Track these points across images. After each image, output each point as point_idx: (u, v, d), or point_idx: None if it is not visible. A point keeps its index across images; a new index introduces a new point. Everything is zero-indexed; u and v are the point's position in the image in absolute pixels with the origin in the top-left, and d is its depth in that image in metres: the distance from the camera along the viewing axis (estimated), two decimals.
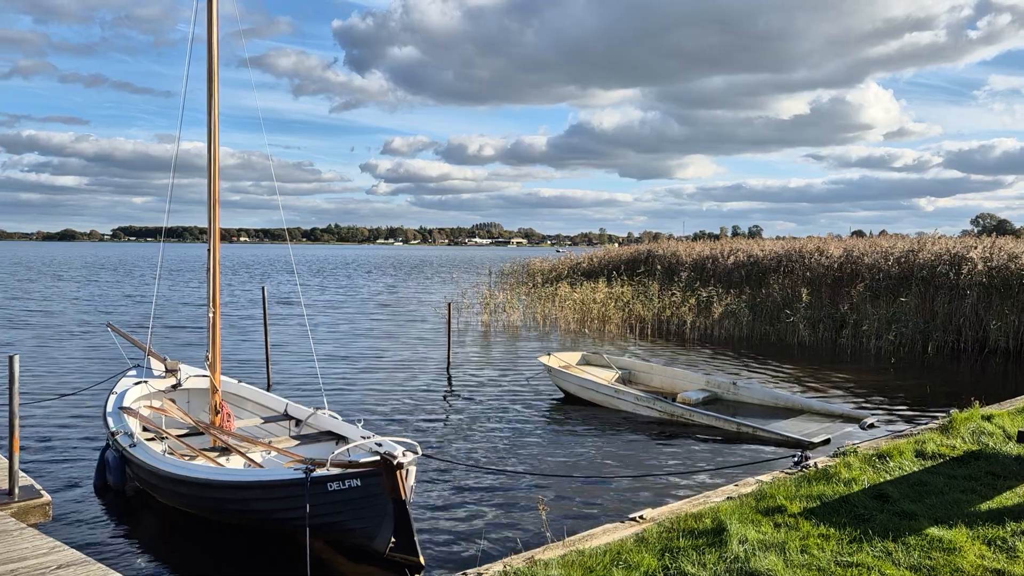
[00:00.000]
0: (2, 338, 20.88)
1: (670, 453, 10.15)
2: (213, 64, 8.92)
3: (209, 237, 9.12)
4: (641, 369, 14.57)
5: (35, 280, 48.94)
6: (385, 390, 14.23)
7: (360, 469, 6.24)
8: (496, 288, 33.07)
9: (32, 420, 11.23)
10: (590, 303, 24.94)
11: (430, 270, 73.73)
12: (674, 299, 24.24)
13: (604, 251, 38.88)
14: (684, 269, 27.66)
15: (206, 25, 8.97)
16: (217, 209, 9.07)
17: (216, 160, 9.01)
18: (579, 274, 33.60)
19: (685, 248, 30.82)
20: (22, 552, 5.12)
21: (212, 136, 8.96)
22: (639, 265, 30.60)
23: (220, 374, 9.40)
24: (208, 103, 8.91)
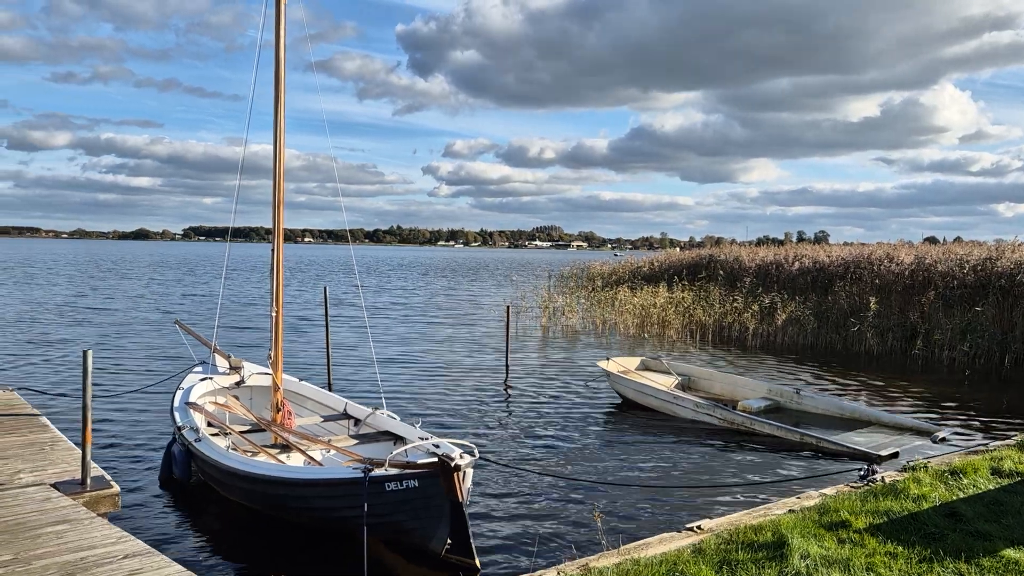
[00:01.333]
0: (72, 334, 21.74)
1: (729, 462, 9.94)
2: (280, 69, 9.11)
3: (273, 238, 9.31)
4: (701, 375, 14.33)
5: (103, 278, 50.86)
6: (442, 391, 14.31)
7: (418, 470, 6.27)
8: (555, 291, 33.00)
9: (103, 413, 11.63)
10: (650, 308, 24.67)
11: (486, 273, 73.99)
12: (736, 305, 23.80)
13: (665, 255, 38.45)
14: (747, 274, 27.12)
15: (274, 31, 9.17)
16: (281, 210, 9.26)
17: (281, 162, 9.19)
18: (639, 278, 33.26)
19: (748, 253, 30.22)
20: (92, 541, 5.30)
21: (278, 139, 9.15)
22: (700, 270, 30.12)
23: (282, 372, 9.58)
24: (275, 106, 9.10)
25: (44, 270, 59.28)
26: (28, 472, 7.06)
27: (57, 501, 6.24)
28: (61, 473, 7.05)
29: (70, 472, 7.05)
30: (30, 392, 11.87)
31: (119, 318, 25.99)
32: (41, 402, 11.49)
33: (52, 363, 16.58)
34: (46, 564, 4.88)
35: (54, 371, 15.61)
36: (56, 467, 7.26)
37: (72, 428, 9.38)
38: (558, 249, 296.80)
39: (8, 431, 8.52)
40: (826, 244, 37.71)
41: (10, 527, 5.55)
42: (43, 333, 21.51)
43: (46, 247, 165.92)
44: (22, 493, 6.44)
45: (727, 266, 29.01)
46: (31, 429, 8.66)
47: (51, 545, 5.20)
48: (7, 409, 9.57)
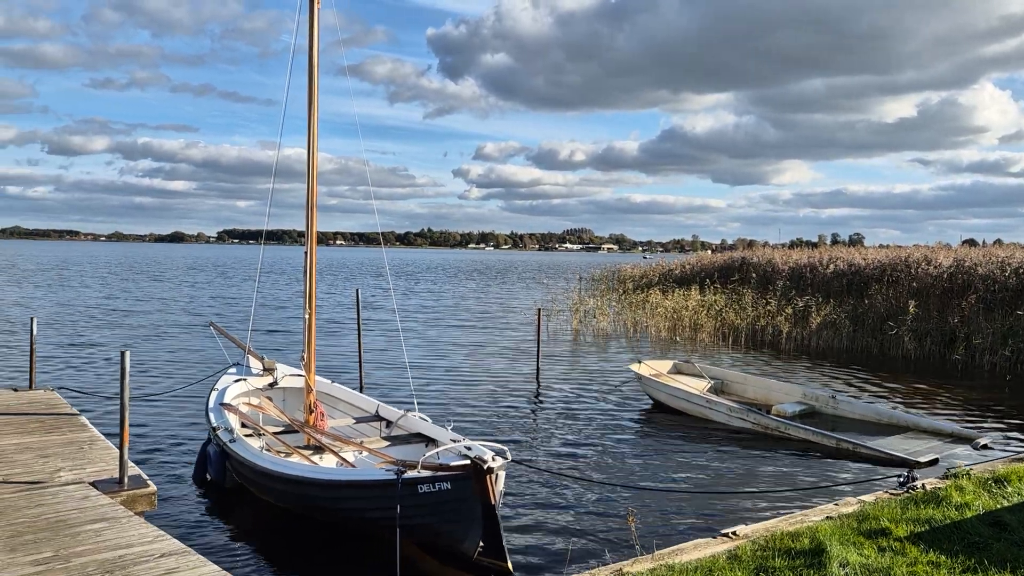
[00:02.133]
0: (107, 336, 22.12)
1: (763, 468, 9.80)
2: (314, 73, 9.17)
3: (307, 240, 9.38)
4: (734, 379, 14.16)
5: (138, 281, 51.71)
6: (473, 393, 14.31)
7: (450, 472, 6.26)
8: (586, 294, 32.89)
9: (138, 413, 11.79)
10: (682, 310, 24.48)
11: (516, 276, 74.00)
12: (769, 308, 23.52)
13: (696, 258, 38.13)
14: (780, 277, 26.79)
15: (307, 36, 9.24)
16: (314, 213, 9.32)
17: (315, 166, 9.26)
18: (671, 281, 33.03)
19: (781, 256, 29.87)
20: (129, 539, 5.36)
21: (311, 142, 9.21)
22: (733, 272, 29.82)
23: (315, 374, 9.64)
24: (308, 110, 9.17)
25: (81, 273, 60.46)
26: (68, 470, 7.18)
27: (96, 499, 6.34)
28: (99, 472, 7.16)
29: (108, 471, 7.16)
30: (69, 392, 12.08)
31: (153, 320, 26.40)
32: (79, 402, 11.68)
33: (89, 364, 16.87)
34: (85, 562, 4.94)
35: (92, 372, 15.88)
36: (94, 466, 7.37)
37: (108, 427, 9.51)
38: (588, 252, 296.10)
39: (49, 430, 8.69)
40: (861, 247, 37.13)
41: (51, 524, 5.64)
42: (79, 334, 21.91)
43: (84, 249, 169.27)
44: (62, 491, 6.55)
45: (760, 269, 28.68)
46: (71, 428, 8.82)
47: (90, 543, 5.27)
48: (48, 409, 9.76)
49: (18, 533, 5.44)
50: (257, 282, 27.72)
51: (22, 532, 5.47)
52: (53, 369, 15.87)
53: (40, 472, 7.11)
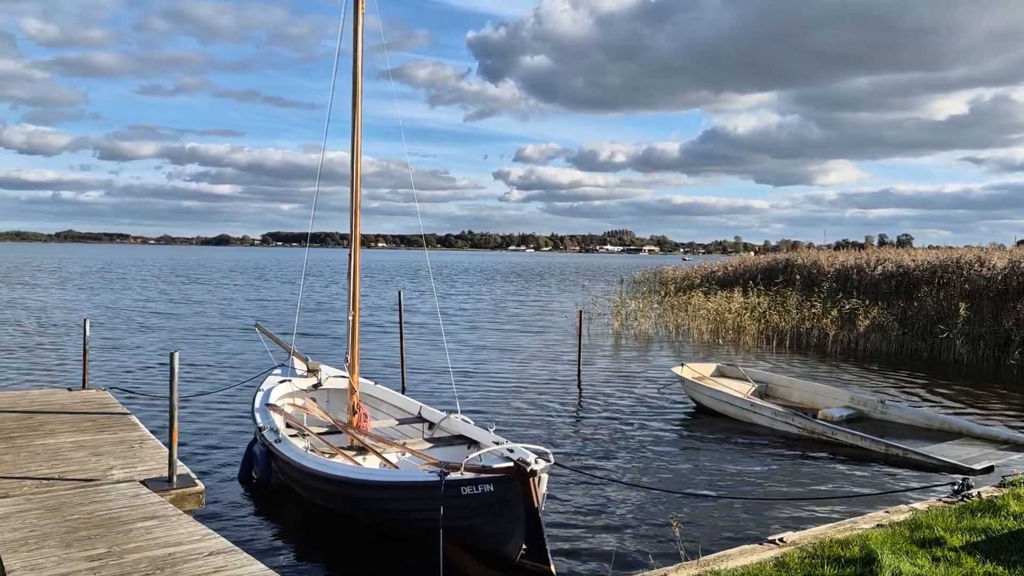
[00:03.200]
0: (154, 337, 22.59)
1: (810, 473, 9.61)
2: (358, 77, 9.26)
3: (350, 243, 9.46)
4: (779, 383, 13.93)
5: (183, 283, 52.76)
6: (514, 395, 14.31)
7: (493, 474, 6.25)
8: (627, 296, 32.70)
9: (185, 413, 12.01)
10: (724, 313, 24.18)
11: (556, 278, 73.85)
12: (814, 310, 23.11)
13: (739, 259, 37.63)
14: (826, 279, 26.29)
15: (352, 40, 9.33)
16: (358, 216, 9.40)
17: (358, 169, 9.34)
18: (713, 283, 32.65)
19: (827, 257, 29.31)
20: (179, 537, 5.46)
21: (355, 146, 9.30)
22: (777, 274, 29.35)
23: (358, 375, 9.72)
24: (352, 114, 9.25)
25: (123, 275, 61.92)
26: (119, 469, 7.34)
27: (146, 497, 6.47)
28: (149, 470, 7.31)
29: (157, 470, 7.30)
30: (119, 391, 12.36)
31: (198, 322, 26.92)
32: (128, 401, 11.94)
33: (136, 364, 17.25)
34: (137, 558, 5.04)
35: (139, 372, 16.24)
36: (145, 464, 7.53)
37: (156, 427, 9.70)
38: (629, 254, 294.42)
39: (101, 429, 8.90)
40: (910, 248, 36.31)
41: (104, 521, 5.77)
42: (126, 335, 22.43)
43: (132, 253, 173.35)
44: (114, 489, 6.69)
45: (805, 270, 28.19)
46: (122, 427, 9.02)
47: (141, 540, 5.38)
48: (100, 408, 10.00)
49: (73, 529, 5.58)
50: (302, 285, 28.09)
51: (77, 528, 5.60)
52: (104, 369, 16.25)
53: (93, 470, 7.28)
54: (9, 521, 5.73)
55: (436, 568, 6.11)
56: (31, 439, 8.36)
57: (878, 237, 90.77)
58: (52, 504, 6.19)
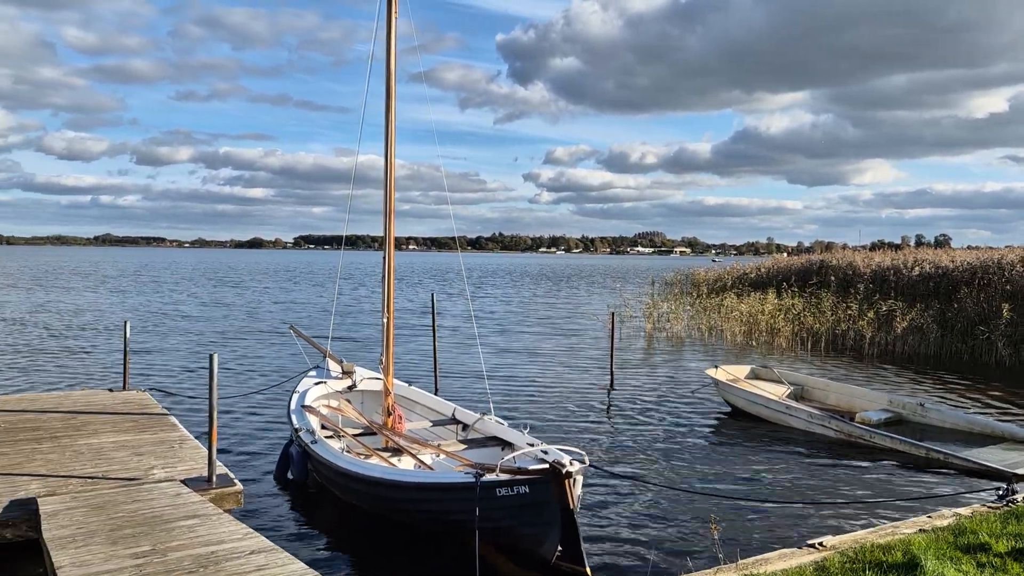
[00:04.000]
0: (188, 340, 22.94)
1: (847, 477, 9.48)
2: (391, 81, 9.33)
3: (385, 246, 9.54)
4: (815, 385, 13.75)
5: (214, 287, 53.48)
6: (546, 397, 14.30)
7: (529, 476, 6.26)
8: (659, 298, 32.53)
9: (221, 414, 12.17)
10: (758, 314, 23.95)
11: (587, 280, 73.66)
12: (850, 312, 22.79)
13: (772, 261, 37.23)
14: (862, 280, 25.91)
15: (384, 44, 9.41)
16: (392, 219, 9.47)
17: (392, 173, 9.42)
18: (746, 284, 32.34)
19: (863, 258, 28.89)
20: (220, 536, 5.54)
21: (389, 149, 9.37)
22: (811, 275, 28.99)
23: (393, 377, 9.79)
24: (386, 118, 9.33)
25: (163, 278, 62.95)
26: (160, 468, 7.47)
27: (187, 497, 6.57)
28: (189, 470, 7.43)
29: (197, 469, 7.41)
30: (158, 392, 12.58)
31: (230, 324, 27.28)
32: (166, 402, 12.14)
33: (174, 366, 17.53)
34: (180, 556, 5.13)
35: (175, 373, 16.50)
36: (184, 464, 7.65)
37: (193, 427, 9.84)
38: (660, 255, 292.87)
39: (142, 429, 9.06)
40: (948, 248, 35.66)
41: (147, 519, 5.88)
42: (162, 337, 22.81)
43: (168, 256, 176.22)
44: (156, 488, 6.81)
45: (840, 271, 27.81)
46: (162, 428, 9.18)
47: (184, 538, 5.47)
48: (140, 408, 10.18)
49: (118, 527, 5.69)
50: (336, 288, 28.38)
51: (122, 526, 5.71)
52: (138, 371, 16.54)
53: (135, 469, 7.42)
54: (57, 518, 5.86)
55: (472, 569, 6.14)
56: (75, 439, 8.54)
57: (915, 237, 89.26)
58: (97, 502, 6.32)
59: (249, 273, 77.96)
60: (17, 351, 19.44)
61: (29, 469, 7.33)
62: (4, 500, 6.39)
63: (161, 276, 66.03)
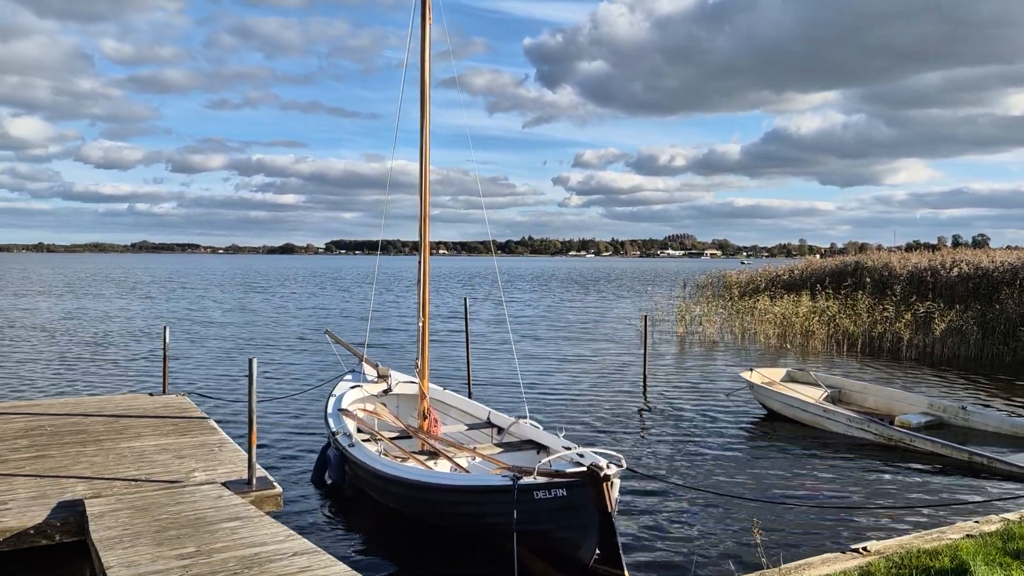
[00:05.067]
0: (221, 345, 23.22)
1: (888, 481, 9.33)
2: (425, 87, 9.39)
3: (420, 250, 9.59)
4: (853, 388, 13.56)
5: (247, 292, 54.10)
6: (579, 401, 14.27)
7: (566, 479, 6.25)
8: (691, 300, 32.30)
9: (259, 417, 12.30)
10: (792, 317, 23.68)
11: (615, 282, 73.36)
12: (887, 314, 22.43)
13: (805, 262, 36.78)
14: (898, 282, 25.51)
15: (417, 51, 9.48)
16: (427, 224, 9.53)
17: (427, 179, 9.47)
18: (779, 286, 32.00)
19: (899, 259, 28.44)
20: (263, 538, 5.61)
21: (424, 156, 9.43)
22: (845, 277, 28.60)
23: (428, 381, 9.83)
24: (421, 123, 9.39)
25: (198, 284, 63.86)
26: (201, 471, 7.58)
27: (228, 499, 6.65)
28: (229, 473, 7.51)
29: (237, 472, 7.50)
30: (197, 396, 12.75)
31: (262, 330, 27.59)
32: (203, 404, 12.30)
33: (209, 369, 17.78)
34: (225, 557, 5.20)
35: (210, 377, 16.72)
36: (224, 467, 7.74)
37: (231, 430, 9.95)
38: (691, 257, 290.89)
39: (182, 432, 9.20)
40: (987, 248, 34.97)
41: (191, 521, 5.97)
42: (195, 342, 23.14)
43: (202, 262, 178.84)
44: (198, 490, 6.91)
45: (875, 273, 27.40)
46: (201, 431, 9.31)
47: (228, 540, 5.54)
48: (180, 412, 10.34)
49: (163, 528, 5.79)
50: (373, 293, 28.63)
51: (167, 528, 5.81)
52: (178, 374, 16.79)
53: (177, 472, 7.53)
54: (104, 520, 5.97)
55: (510, 572, 6.14)
56: (118, 442, 8.69)
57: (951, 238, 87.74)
58: (141, 504, 6.43)
59: (279, 279, 78.78)
60: (56, 356, 19.86)
61: (75, 472, 7.48)
62: (52, 502, 6.52)
63: (190, 282, 67.00)
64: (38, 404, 10.99)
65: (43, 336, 24.37)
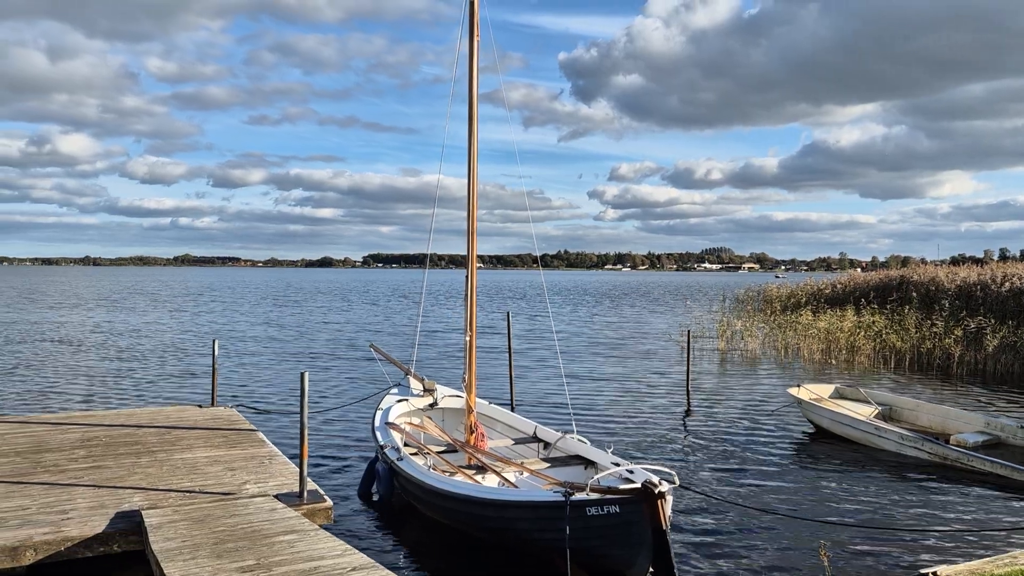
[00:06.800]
0: (260, 360, 23.48)
1: (947, 503, 9.08)
2: (473, 103, 9.45)
3: (467, 265, 9.63)
4: (904, 405, 13.25)
5: (285, 305, 54.70)
6: (622, 417, 14.15)
7: (620, 495, 6.19)
8: (731, 315, 31.94)
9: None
10: (836, 332, 23.28)
11: (651, 296, 72.87)
12: (936, 329, 21.94)
13: (848, 277, 36.19)
14: (946, 296, 24.97)
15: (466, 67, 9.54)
16: (475, 239, 9.56)
17: (474, 194, 9.51)
18: (821, 301, 31.53)
19: (946, 273, 27.84)
20: (320, 551, 5.62)
21: (472, 171, 9.48)
22: (890, 292, 28.09)
23: (475, 395, 9.83)
24: (469, 140, 9.44)
25: (241, 297, 64.80)
26: (253, 483, 7.64)
27: (282, 512, 6.69)
28: (280, 486, 7.57)
29: (287, 485, 7.56)
30: (245, 409, 12.90)
31: (300, 345, 27.86)
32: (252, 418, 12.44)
33: (254, 382, 17.98)
34: (285, 571, 5.22)
35: (259, 389, 16.91)
36: (275, 480, 7.80)
37: (278, 443, 10.03)
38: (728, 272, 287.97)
39: (232, 445, 9.30)
40: None
41: (247, 534, 6.01)
42: (238, 356, 23.44)
43: (242, 275, 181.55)
44: (251, 503, 6.97)
45: (922, 287, 26.85)
46: (251, 444, 9.40)
47: (285, 553, 5.57)
48: (230, 425, 10.46)
49: (221, 540, 5.84)
50: (421, 306, 28.96)
51: (224, 540, 5.86)
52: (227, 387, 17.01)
53: (229, 484, 7.61)
54: (162, 531, 6.04)
55: None
56: (171, 453, 8.82)
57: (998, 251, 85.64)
58: (197, 516, 6.50)
59: (316, 291, 79.52)
60: (105, 368, 20.26)
61: (131, 482, 7.59)
62: (110, 512, 6.63)
63: (231, 295, 68.00)
64: (92, 415, 11.21)
65: (92, 348, 24.90)
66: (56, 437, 9.54)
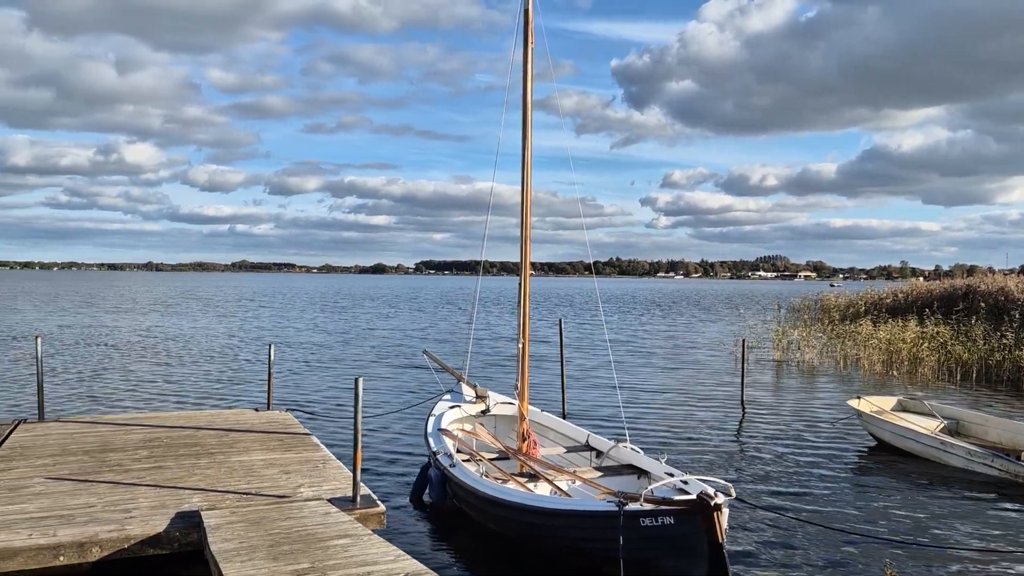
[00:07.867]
0: (309, 365, 23.78)
1: (1019, 523, 8.70)
2: (527, 111, 9.45)
3: (520, 272, 9.61)
4: (972, 420, 12.77)
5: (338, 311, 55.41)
6: (675, 426, 13.95)
7: (675, 507, 6.08)
8: (787, 324, 31.31)
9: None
10: (898, 343, 22.61)
11: (705, 305, 71.87)
12: (1005, 341, 21.14)
13: (910, 286, 35.19)
14: (1016, 307, 24.06)
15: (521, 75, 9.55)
16: (528, 247, 9.54)
17: (528, 203, 9.50)
18: (882, 310, 30.71)
19: (1016, 283, 26.86)
20: (373, 556, 5.64)
21: (525, 179, 9.47)
22: (956, 302, 27.20)
23: (527, 402, 9.79)
24: (523, 147, 9.45)
25: (297, 303, 65.96)
26: (307, 487, 7.72)
27: (336, 516, 6.74)
28: (333, 490, 7.62)
29: (341, 489, 7.61)
30: (299, 413, 13.09)
31: (350, 350, 28.18)
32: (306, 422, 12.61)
33: (306, 387, 18.25)
34: (339, 575, 5.26)
35: (311, 394, 17.16)
36: (329, 484, 7.87)
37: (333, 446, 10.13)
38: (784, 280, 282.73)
39: (287, 448, 9.42)
40: None
41: (302, 537, 6.07)
42: (292, 361, 23.82)
43: (298, 281, 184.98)
44: (305, 506, 7.04)
45: (990, 297, 25.94)
46: (305, 447, 9.51)
47: (339, 557, 5.60)
48: (284, 428, 10.61)
49: (276, 543, 5.90)
50: (475, 314, 29.07)
51: (279, 542, 5.92)
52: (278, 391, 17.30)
53: (285, 487, 7.70)
54: (220, 531, 6.14)
55: None
56: (228, 455, 8.98)
57: None
58: (254, 518, 6.59)
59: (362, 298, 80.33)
60: (165, 370, 20.80)
61: (190, 483, 7.74)
62: (171, 512, 6.76)
63: (285, 300, 69.27)
64: (155, 416, 11.50)
65: (149, 352, 25.61)
66: (120, 438, 9.79)
